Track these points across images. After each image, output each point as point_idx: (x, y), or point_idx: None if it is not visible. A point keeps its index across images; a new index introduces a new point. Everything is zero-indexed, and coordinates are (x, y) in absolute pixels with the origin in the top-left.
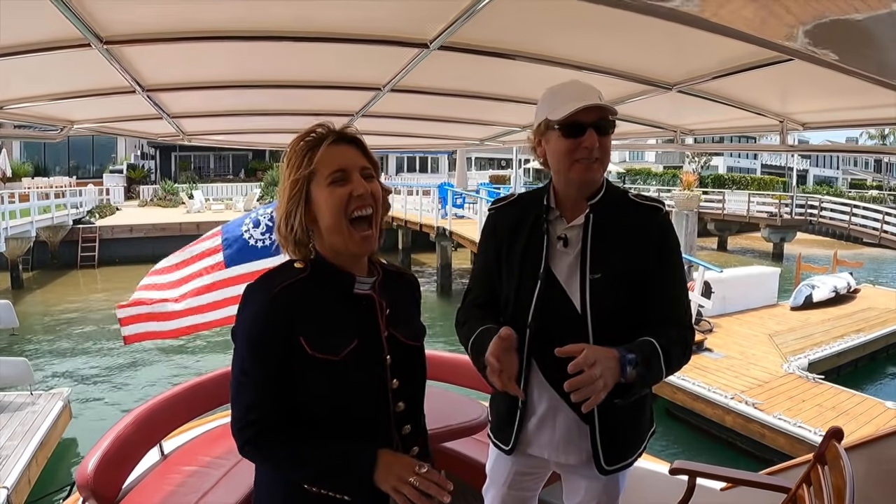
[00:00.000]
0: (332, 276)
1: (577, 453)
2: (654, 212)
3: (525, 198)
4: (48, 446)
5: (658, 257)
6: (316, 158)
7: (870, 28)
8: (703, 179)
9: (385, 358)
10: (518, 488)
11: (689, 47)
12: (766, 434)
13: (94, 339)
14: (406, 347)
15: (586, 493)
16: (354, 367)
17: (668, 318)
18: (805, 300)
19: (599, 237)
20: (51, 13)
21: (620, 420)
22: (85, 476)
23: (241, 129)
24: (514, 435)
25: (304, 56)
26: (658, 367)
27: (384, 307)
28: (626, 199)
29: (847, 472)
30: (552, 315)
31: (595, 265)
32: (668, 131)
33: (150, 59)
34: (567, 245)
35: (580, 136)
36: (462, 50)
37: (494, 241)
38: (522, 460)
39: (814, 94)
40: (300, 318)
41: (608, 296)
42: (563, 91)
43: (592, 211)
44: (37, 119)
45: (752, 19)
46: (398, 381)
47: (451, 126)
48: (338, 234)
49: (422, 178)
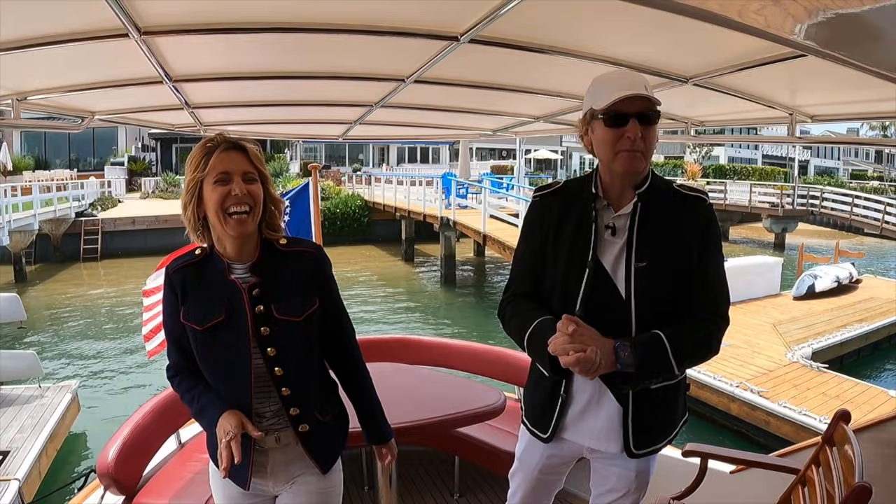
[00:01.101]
0: (213, 262)
1: (617, 440)
2: (698, 202)
3: (570, 185)
4: (57, 439)
5: (701, 247)
6: (208, 163)
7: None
8: (704, 170)
9: (254, 332)
10: (548, 473)
11: (707, 43)
12: (771, 422)
13: (100, 332)
14: (282, 321)
15: (619, 480)
16: (217, 337)
17: (700, 308)
18: (808, 290)
19: (645, 226)
20: (95, 4)
21: (652, 406)
22: (106, 464)
23: (258, 120)
24: (554, 422)
25: (330, 48)
26: (663, 362)
27: (254, 286)
28: (671, 189)
29: (856, 452)
30: (599, 303)
31: (640, 254)
32: (677, 122)
33: (180, 49)
34: (615, 234)
35: (623, 126)
36: (490, 43)
37: (541, 229)
38: (557, 447)
39: (824, 88)
40: (185, 292)
41: (652, 284)
42: (608, 81)
43: (639, 200)
44: (59, 110)
45: (767, 16)
46: (275, 349)
47: (465, 116)
48: (217, 222)
49: (423, 168)
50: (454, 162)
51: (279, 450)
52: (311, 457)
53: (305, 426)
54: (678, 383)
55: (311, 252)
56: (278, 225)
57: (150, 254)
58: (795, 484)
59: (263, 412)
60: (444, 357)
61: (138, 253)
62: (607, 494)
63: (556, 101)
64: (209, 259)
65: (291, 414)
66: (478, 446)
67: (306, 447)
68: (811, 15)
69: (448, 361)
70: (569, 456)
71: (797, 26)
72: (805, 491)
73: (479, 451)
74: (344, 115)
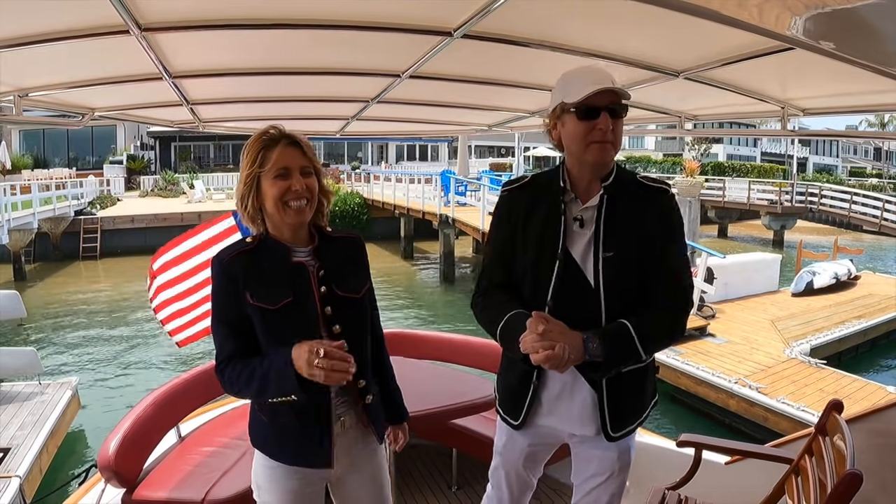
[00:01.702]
0: (273, 248)
1: (593, 423)
2: (661, 194)
3: (537, 179)
4: (58, 435)
5: (664, 237)
6: (267, 157)
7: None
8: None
9: (322, 310)
10: (531, 461)
11: (697, 37)
12: (769, 417)
13: (99, 329)
14: (343, 299)
15: (601, 463)
16: (288, 315)
17: (665, 295)
18: (806, 286)
19: (612, 217)
20: (96, 1)
21: (624, 390)
22: (107, 457)
23: (255, 116)
24: (526, 409)
25: (327, 43)
26: (630, 349)
27: (318, 269)
28: (635, 181)
29: (848, 441)
30: (569, 293)
31: (608, 244)
32: (672, 116)
33: (179, 46)
34: (583, 226)
35: (595, 118)
36: (483, 38)
37: (509, 223)
38: (535, 434)
39: (813, 82)
40: (247, 277)
41: (619, 273)
42: (579, 76)
43: (606, 193)
44: (59, 106)
45: (755, 10)
46: (340, 326)
47: (462, 112)
48: (276, 213)
49: (422, 166)
50: (453, 159)
51: (342, 434)
52: (372, 426)
53: (370, 397)
54: (647, 366)
55: (354, 237)
56: (325, 213)
57: (150, 252)
58: (789, 473)
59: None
60: (440, 350)
61: (137, 251)
62: (591, 479)
63: (548, 96)
64: (264, 245)
65: (358, 386)
66: (475, 439)
67: (369, 417)
68: (798, 8)
69: (444, 355)
70: (550, 442)
71: (785, 20)
72: (798, 480)
73: (477, 444)
74: (341, 110)
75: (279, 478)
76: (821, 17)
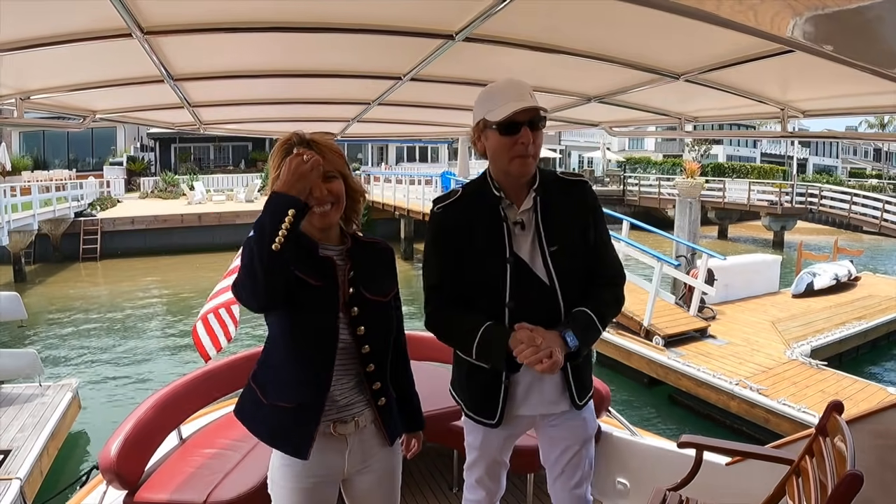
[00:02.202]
0: (302, 242)
1: (564, 400)
2: (583, 186)
3: (467, 192)
4: (58, 437)
5: (594, 222)
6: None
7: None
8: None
9: (349, 311)
10: (507, 447)
11: (697, 40)
12: (770, 419)
13: (100, 331)
14: (371, 302)
15: (573, 433)
16: (310, 302)
17: (606, 276)
18: (806, 288)
19: (547, 215)
20: (98, 4)
21: (579, 366)
22: (108, 460)
23: (256, 118)
24: (501, 407)
25: (327, 46)
26: (595, 329)
27: (349, 269)
28: (557, 178)
29: (848, 442)
30: (525, 292)
31: (550, 240)
32: (671, 118)
33: (181, 49)
34: (524, 228)
35: (516, 133)
36: (484, 41)
37: (450, 238)
38: (514, 426)
39: (813, 83)
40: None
41: (567, 263)
42: (500, 92)
43: (537, 194)
44: (60, 109)
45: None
46: (364, 328)
47: (463, 114)
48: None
49: (422, 167)
50: (453, 161)
51: (356, 434)
52: (385, 429)
53: (383, 399)
54: None
55: (383, 244)
56: (353, 216)
57: (150, 254)
58: (790, 474)
59: (337, 396)
60: (440, 352)
61: (137, 253)
62: (566, 453)
63: (551, 98)
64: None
65: (374, 388)
66: None
67: (382, 420)
68: (798, 11)
69: (445, 356)
70: (524, 428)
71: (785, 22)
72: (799, 481)
73: None
74: (342, 112)
75: (293, 475)
76: (821, 19)
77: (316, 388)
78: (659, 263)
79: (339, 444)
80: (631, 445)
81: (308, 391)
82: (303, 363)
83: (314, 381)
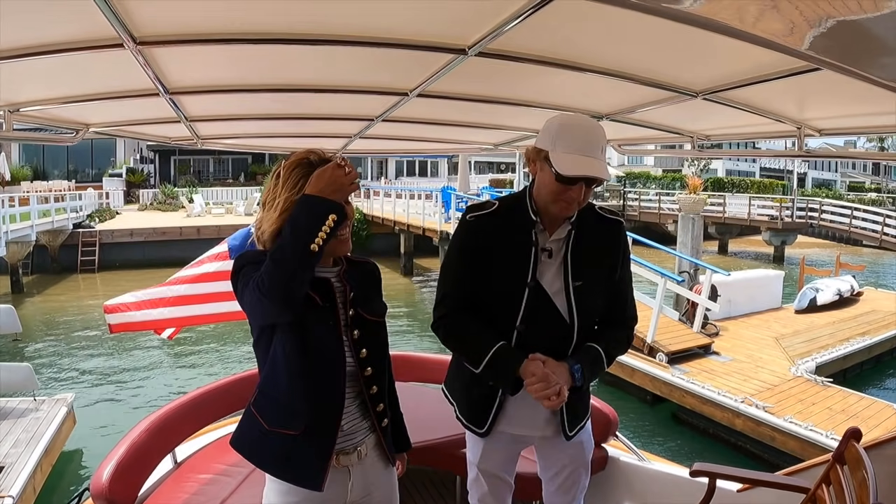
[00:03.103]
0: None
1: (552, 426)
2: (618, 225)
3: (504, 207)
4: (52, 454)
5: (621, 264)
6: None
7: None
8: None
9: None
10: (507, 464)
11: (719, 56)
12: (776, 437)
13: (96, 345)
14: (370, 323)
15: (564, 457)
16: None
17: (619, 317)
18: (809, 303)
19: (578, 249)
20: (88, 11)
21: (574, 399)
22: (100, 484)
23: (255, 133)
24: (491, 419)
25: (331, 59)
26: (601, 367)
27: (349, 290)
28: (594, 213)
29: (869, 472)
30: (539, 319)
31: (576, 274)
32: (683, 136)
33: (177, 61)
34: (551, 256)
35: (571, 185)
36: (497, 56)
37: (476, 248)
38: (506, 440)
39: (834, 102)
40: None
41: (589, 300)
42: (572, 137)
43: (573, 227)
44: (52, 122)
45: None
46: (367, 350)
47: (467, 130)
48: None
49: (422, 181)
50: (453, 175)
51: (358, 464)
52: (386, 449)
53: (385, 420)
54: None
55: (371, 263)
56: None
57: (148, 266)
58: (805, 503)
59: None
60: (443, 374)
61: (136, 265)
62: (560, 473)
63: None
64: None
65: (377, 410)
66: None
67: (385, 441)
68: (829, 27)
69: (436, 377)
70: (521, 444)
71: (813, 39)
72: None
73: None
74: (344, 128)
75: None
76: (854, 35)
77: (329, 411)
78: (662, 279)
79: (342, 475)
80: (639, 471)
81: (319, 415)
82: (313, 385)
83: (326, 404)
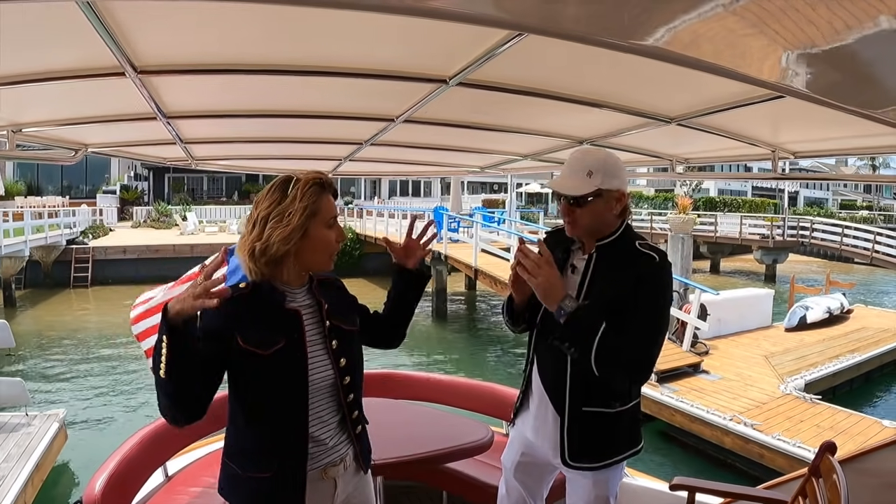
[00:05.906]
0: (268, 293)
1: (548, 440)
2: (646, 259)
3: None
4: (44, 469)
5: (639, 300)
6: (319, 204)
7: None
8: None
9: (329, 344)
10: (524, 475)
11: (690, 85)
12: (765, 454)
13: (88, 360)
14: (347, 333)
15: (582, 491)
16: (279, 361)
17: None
18: (799, 321)
19: (598, 272)
20: (93, 43)
21: (589, 425)
22: (92, 497)
23: (249, 155)
24: (516, 410)
25: (320, 88)
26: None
27: (322, 304)
28: (630, 243)
29: (841, 483)
30: (552, 323)
31: (588, 293)
32: (663, 160)
33: (174, 88)
34: (574, 272)
35: (559, 201)
36: (478, 86)
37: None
38: (529, 445)
39: (803, 127)
40: (240, 320)
41: (588, 319)
42: (567, 161)
43: (597, 251)
44: (52, 142)
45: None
46: (345, 359)
47: (454, 154)
48: (321, 261)
49: (415, 201)
50: (446, 195)
51: (343, 474)
52: (361, 456)
53: (360, 427)
54: (618, 414)
55: (338, 280)
56: None
57: (141, 282)
58: None
59: (325, 437)
60: (430, 392)
61: (129, 281)
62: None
63: (543, 140)
64: (258, 290)
65: (352, 418)
66: (466, 481)
67: (360, 447)
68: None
69: (435, 396)
70: (540, 458)
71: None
72: None
73: (467, 486)
74: (334, 152)
75: None
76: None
77: (295, 450)
78: None
79: (329, 486)
80: (622, 487)
81: (286, 459)
82: (276, 432)
83: (292, 447)
